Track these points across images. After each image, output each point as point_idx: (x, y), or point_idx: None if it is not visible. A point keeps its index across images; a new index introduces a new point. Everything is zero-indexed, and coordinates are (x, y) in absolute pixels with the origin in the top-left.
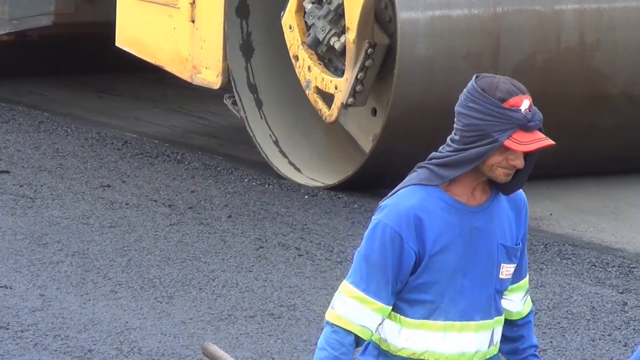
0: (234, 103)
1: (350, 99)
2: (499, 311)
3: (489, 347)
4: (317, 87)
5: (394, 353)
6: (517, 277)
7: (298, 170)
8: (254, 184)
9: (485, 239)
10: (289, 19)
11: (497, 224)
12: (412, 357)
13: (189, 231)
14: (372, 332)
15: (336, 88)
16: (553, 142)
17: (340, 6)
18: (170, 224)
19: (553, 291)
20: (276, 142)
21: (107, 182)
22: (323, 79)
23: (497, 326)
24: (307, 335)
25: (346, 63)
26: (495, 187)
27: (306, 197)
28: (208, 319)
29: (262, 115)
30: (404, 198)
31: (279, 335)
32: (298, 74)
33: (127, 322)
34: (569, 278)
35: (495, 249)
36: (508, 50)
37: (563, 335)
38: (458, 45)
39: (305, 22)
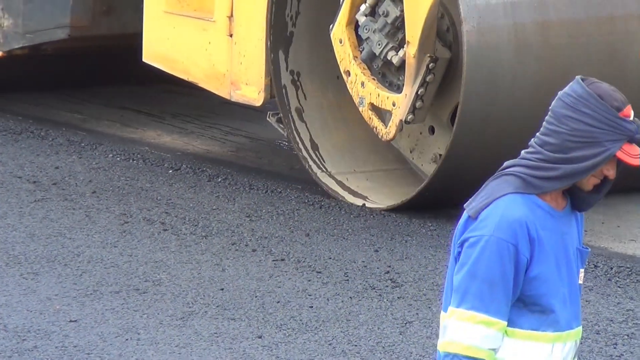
0: (279, 121)
1: (410, 116)
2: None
3: (575, 355)
4: (371, 104)
5: None
6: None
7: (347, 188)
8: (118, 159)
9: (570, 245)
10: (339, 32)
11: (572, 227)
12: None
13: (54, 207)
14: (495, 353)
15: (394, 104)
16: None
17: (398, 19)
18: (35, 200)
19: (419, 263)
20: (322, 159)
21: None
22: (379, 95)
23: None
24: (173, 309)
25: (406, 78)
26: (571, 202)
27: (170, 171)
28: (73, 294)
29: (309, 131)
30: (509, 208)
31: (144, 310)
32: (350, 90)
33: None
34: (435, 250)
35: (576, 254)
36: (578, 60)
37: (429, 307)
38: (524, 57)
39: (358, 36)
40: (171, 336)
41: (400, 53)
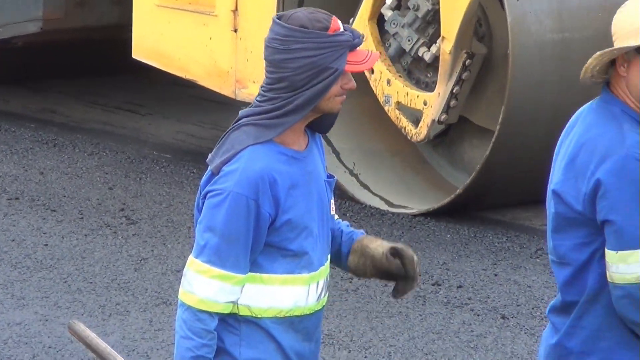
0: None
1: (444, 116)
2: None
3: (325, 289)
4: (399, 103)
5: (258, 316)
6: None
7: (372, 192)
8: None
9: (317, 181)
10: (360, 26)
11: (318, 163)
12: (277, 315)
13: None
14: (235, 303)
15: (425, 103)
16: (379, 53)
17: (429, 13)
18: None
19: (153, 200)
20: (339, 158)
21: None
22: (407, 94)
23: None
24: None
25: (439, 76)
26: (310, 129)
27: None
28: None
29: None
30: (250, 161)
31: None
32: (374, 88)
33: None
34: (169, 187)
35: (324, 188)
36: None
37: (164, 244)
38: (572, 53)
39: (385, 30)
40: None
41: (433, 49)
